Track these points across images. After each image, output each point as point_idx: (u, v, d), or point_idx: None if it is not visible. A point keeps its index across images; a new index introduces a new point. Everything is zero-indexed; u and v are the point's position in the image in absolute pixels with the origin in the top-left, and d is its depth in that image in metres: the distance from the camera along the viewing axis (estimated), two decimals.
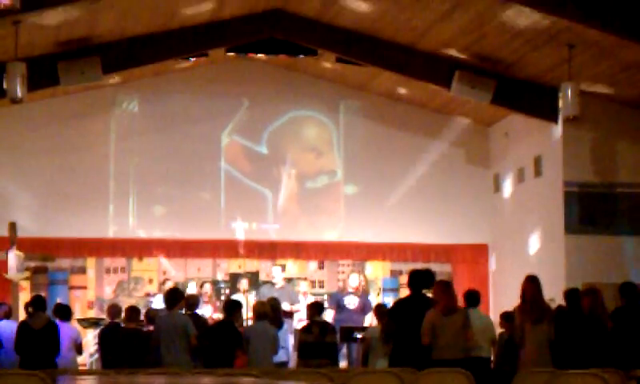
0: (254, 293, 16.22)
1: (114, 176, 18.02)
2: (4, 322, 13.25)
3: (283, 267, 17.89)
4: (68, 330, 13.21)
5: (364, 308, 15.63)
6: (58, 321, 12.84)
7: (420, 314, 10.38)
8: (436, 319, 10.27)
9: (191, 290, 16.38)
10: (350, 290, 15.94)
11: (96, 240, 17.83)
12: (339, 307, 15.78)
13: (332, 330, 13.12)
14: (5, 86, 13.39)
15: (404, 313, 10.70)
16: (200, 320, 13.11)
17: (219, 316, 14.76)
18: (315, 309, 13.22)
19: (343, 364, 15.25)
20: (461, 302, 12.30)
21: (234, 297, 16.07)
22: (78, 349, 13.48)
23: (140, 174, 18.10)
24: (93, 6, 13.52)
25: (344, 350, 15.52)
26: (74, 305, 16.94)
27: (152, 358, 12.04)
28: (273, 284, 16.42)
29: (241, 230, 18.28)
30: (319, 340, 12.61)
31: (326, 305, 16.98)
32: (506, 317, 13.21)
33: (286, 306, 15.22)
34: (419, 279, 10.95)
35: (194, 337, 11.87)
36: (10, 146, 17.64)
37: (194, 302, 13.49)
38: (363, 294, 16.11)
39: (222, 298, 16.39)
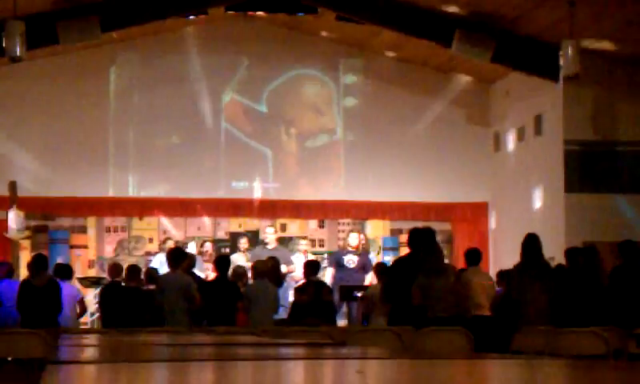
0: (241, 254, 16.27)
1: (114, 135, 18.00)
2: (5, 282, 13.27)
3: (283, 226, 17.91)
4: (69, 289, 13.24)
5: (364, 266, 15.64)
6: (58, 280, 12.87)
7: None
8: (423, 282, 10.28)
9: (191, 249, 16.40)
10: (350, 248, 15.95)
11: (96, 199, 17.83)
12: (339, 266, 15.79)
13: (327, 288, 13.10)
14: (4, 44, 13.34)
15: (403, 271, 10.70)
16: (197, 280, 13.13)
17: None
18: (311, 268, 13.16)
19: (343, 322, 15.30)
20: (461, 259, 12.34)
21: (235, 256, 16.13)
22: (82, 307, 13.52)
23: (139, 134, 18.08)
24: None
25: (344, 309, 15.57)
26: (75, 264, 16.96)
27: (153, 316, 12.08)
28: (265, 244, 16.40)
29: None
30: (314, 298, 12.61)
31: (323, 264, 17.03)
32: (501, 275, 13.26)
33: (282, 268, 15.24)
34: (419, 238, 10.94)
35: (199, 298, 11.89)
36: (9, 105, 17.60)
37: (191, 261, 13.51)
38: (363, 252, 16.12)
39: None
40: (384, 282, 11.64)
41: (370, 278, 15.06)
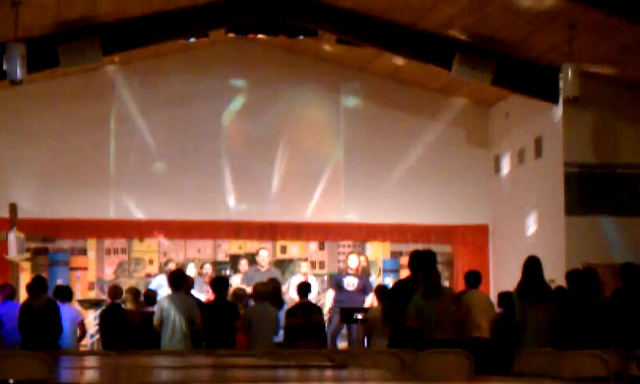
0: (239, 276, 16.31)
1: (114, 157, 18.01)
2: (7, 304, 13.26)
3: (283, 248, 17.90)
4: (69, 311, 13.24)
5: (364, 288, 15.65)
6: (58, 302, 12.87)
7: None
8: (420, 304, 10.23)
9: (190, 271, 16.38)
10: (350, 271, 15.95)
11: (96, 221, 17.82)
12: (339, 288, 15.80)
13: (318, 310, 13.07)
14: (4, 67, 13.37)
15: (404, 294, 10.68)
16: (196, 302, 13.11)
17: None
18: (301, 290, 13.15)
19: (343, 344, 15.29)
20: (461, 282, 12.33)
21: (234, 278, 16.13)
22: (82, 329, 13.51)
23: (140, 155, 18.08)
24: None
25: (344, 331, 15.56)
26: (75, 286, 16.95)
27: (154, 339, 12.07)
28: (258, 269, 16.37)
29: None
30: (304, 321, 12.58)
31: (324, 286, 17.06)
32: (502, 297, 13.25)
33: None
34: (420, 260, 10.94)
35: (200, 321, 11.87)
36: (10, 127, 17.62)
37: (190, 283, 13.51)
38: (363, 274, 16.13)
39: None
40: (385, 303, 11.62)
41: (371, 300, 15.06)
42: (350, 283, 15.74)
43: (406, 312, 10.17)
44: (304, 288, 13.18)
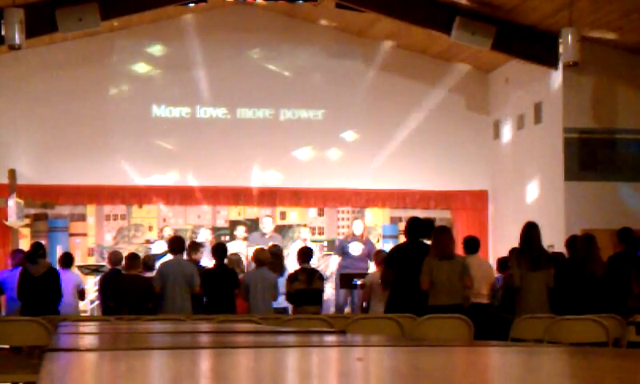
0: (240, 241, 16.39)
1: (113, 123, 17.97)
2: (15, 270, 13.25)
3: (283, 214, 17.92)
4: (71, 277, 13.26)
5: (369, 254, 15.67)
6: (60, 268, 12.88)
7: (417, 261, 10.38)
8: (433, 263, 10.27)
9: (202, 237, 16.38)
10: (355, 236, 16.00)
11: (96, 187, 17.83)
12: (344, 254, 15.84)
13: (319, 276, 13.12)
14: (3, 32, 13.33)
15: (401, 259, 10.70)
16: (201, 268, 13.15)
17: None
18: (302, 256, 13.17)
19: (347, 310, 15.35)
20: (460, 248, 12.33)
21: (232, 244, 16.14)
22: (81, 294, 13.54)
23: (139, 121, 18.06)
24: None
25: (342, 296, 15.59)
26: (75, 252, 16.97)
27: (153, 304, 12.10)
28: (263, 233, 16.50)
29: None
30: (307, 287, 12.62)
31: (323, 251, 17.12)
32: (501, 263, 13.27)
33: None
34: (417, 227, 10.93)
35: (199, 286, 11.91)
36: (8, 93, 17.59)
37: (200, 249, 13.52)
38: (368, 240, 16.16)
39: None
40: (382, 270, 11.64)
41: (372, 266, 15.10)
42: (356, 249, 15.77)
43: (420, 275, 10.18)
44: (305, 253, 13.19)
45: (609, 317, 8.65)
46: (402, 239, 16.04)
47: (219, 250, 12.79)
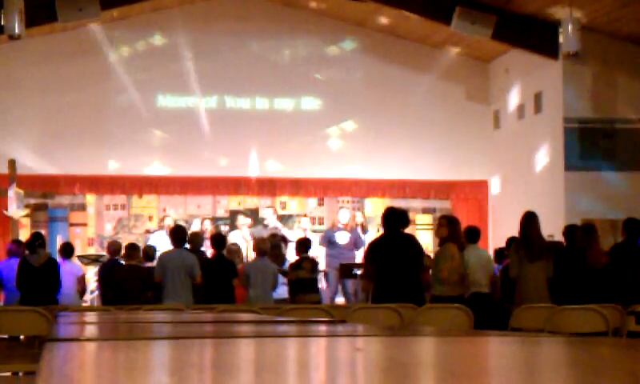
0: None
1: (113, 112, 17.96)
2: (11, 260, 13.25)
3: (283, 204, 17.92)
4: (71, 268, 13.26)
5: (355, 243, 15.70)
6: (61, 258, 12.87)
7: (397, 251, 10.26)
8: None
9: (194, 227, 16.41)
10: (340, 226, 15.98)
11: (96, 177, 17.82)
12: (330, 243, 15.84)
13: (317, 265, 13.22)
14: (3, 22, 13.31)
15: (382, 252, 10.47)
16: (203, 258, 13.14)
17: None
18: (303, 246, 13.19)
19: (340, 300, 15.36)
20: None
21: (233, 234, 16.15)
22: (82, 285, 13.54)
23: (139, 111, 18.05)
24: None
25: (340, 286, 15.60)
26: (75, 242, 16.97)
27: (153, 294, 12.09)
28: (265, 225, 16.55)
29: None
30: (309, 276, 12.67)
31: (315, 242, 17.15)
32: (500, 253, 13.27)
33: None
34: (394, 217, 10.76)
35: (200, 276, 11.92)
36: (9, 83, 17.58)
37: (200, 240, 13.51)
38: (354, 229, 16.14)
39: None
40: (364, 265, 11.44)
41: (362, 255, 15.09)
42: (342, 238, 15.76)
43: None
44: (304, 244, 13.23)
45: (609, 306, 8.65)
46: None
47: (218, 240, 12.79)
